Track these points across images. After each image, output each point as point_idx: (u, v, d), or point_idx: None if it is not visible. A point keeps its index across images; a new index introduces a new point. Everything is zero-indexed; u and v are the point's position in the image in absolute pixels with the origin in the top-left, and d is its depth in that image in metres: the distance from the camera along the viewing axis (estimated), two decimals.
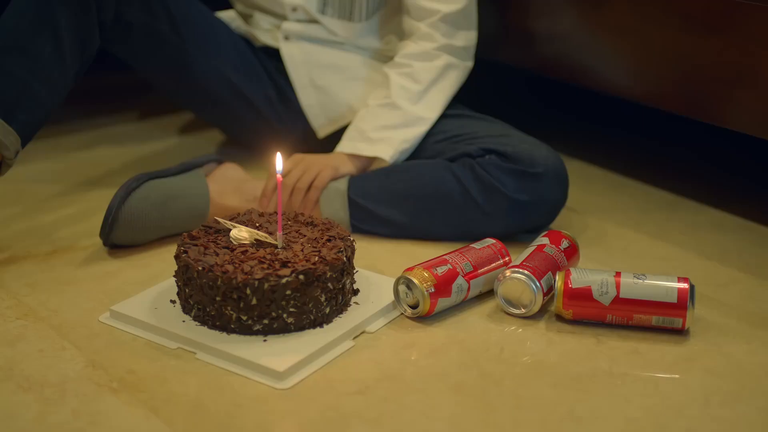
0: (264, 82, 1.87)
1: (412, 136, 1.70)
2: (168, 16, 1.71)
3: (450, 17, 1.74)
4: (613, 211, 1.79)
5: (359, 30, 1.84)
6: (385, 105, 1.71)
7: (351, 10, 1.82)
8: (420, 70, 1.73)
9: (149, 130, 2.17)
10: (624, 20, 1.75)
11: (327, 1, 1.81)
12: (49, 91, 1.53)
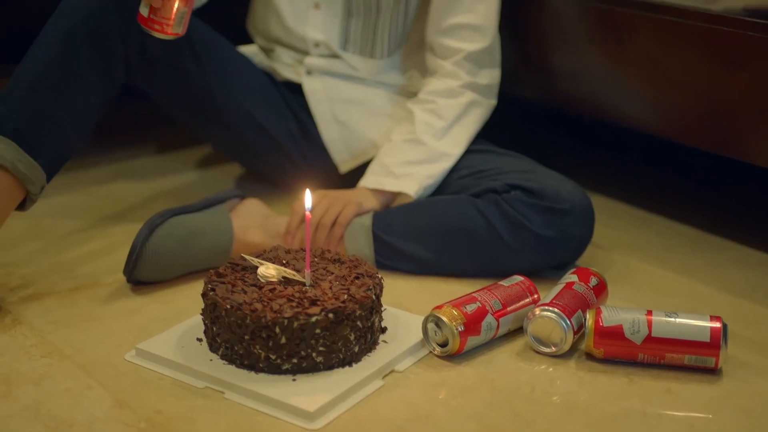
0: (286, 117, 1.87)
1: (437, 171, 1.70)
2: (191, 51, 1.71)
3: (474, 56, 1.74)
4: (638, 247, 1.78)
5: (381, 66, 1.83)
6: (410, 140, 1.70)
7: (373, 47, 1.81)
8: (444, 107, 1.72)
9: (168, 163, 2.16)
10: (647, 54, 1.75)
11: (348, 38, 1.80)
12: (75, 126, 1.52)
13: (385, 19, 1.80)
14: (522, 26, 1.95)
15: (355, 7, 1.79)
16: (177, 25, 1.42)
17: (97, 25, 1.52)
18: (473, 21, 1.75)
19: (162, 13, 1.40)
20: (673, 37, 1.69)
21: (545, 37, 1.91)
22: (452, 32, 1.75)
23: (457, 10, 1.75)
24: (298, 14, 1.81)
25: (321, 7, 1.80)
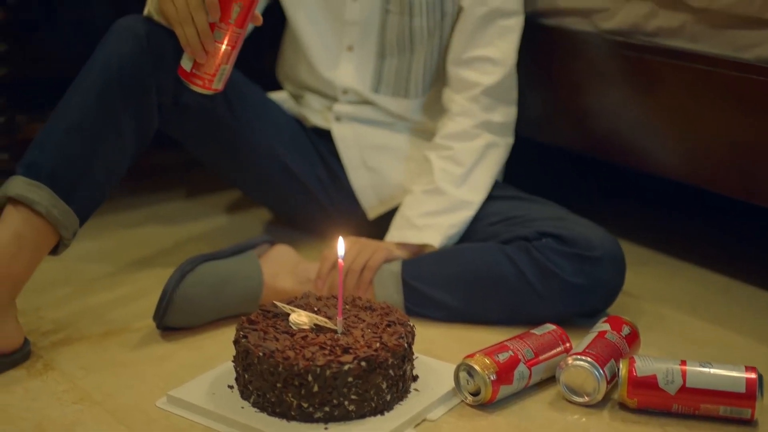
0: (315, 164, 1.87)
1: (459, 220, 1.70)
2: (224, 99, 1.72)
3: (490, 90, 1.75)
4: (669, 295, 1.77)
5: (414, 106, 1.84)
6: (430, 191, 1.71)
7: (407, 87, 1.82)
8: (461, 152, 1.72)
9: (197, 208, 2.17)
10: (677, 102, 1.75)
11: (382, 79, 1.82)
12: (108, 171, 1.53)
13: (419, 56, 1.81)
14: (551, 72, 1.95)
15: (389, 47, 1.80)
16: (218, 81, 1.44)
17: (132, 73, 1.53)
18: (492, 54, 1.76)
19: (205, 69, 1.43)
20: (703, 85, 1.69)
21: (574, 83, 1.91)
22: (470, 64, 1.77)
23: (477, 42, 1.76)
24: (329, 58, 1.82)
25: (354, 49, 1.81)
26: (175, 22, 1.44)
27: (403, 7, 1.77)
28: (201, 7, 1.41)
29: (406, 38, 1.79)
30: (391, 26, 1.79)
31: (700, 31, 1.68)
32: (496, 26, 1.77)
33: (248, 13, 1.41)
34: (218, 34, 1.42)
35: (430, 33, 1.79)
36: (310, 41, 1.82)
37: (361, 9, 1.78)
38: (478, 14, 1.75)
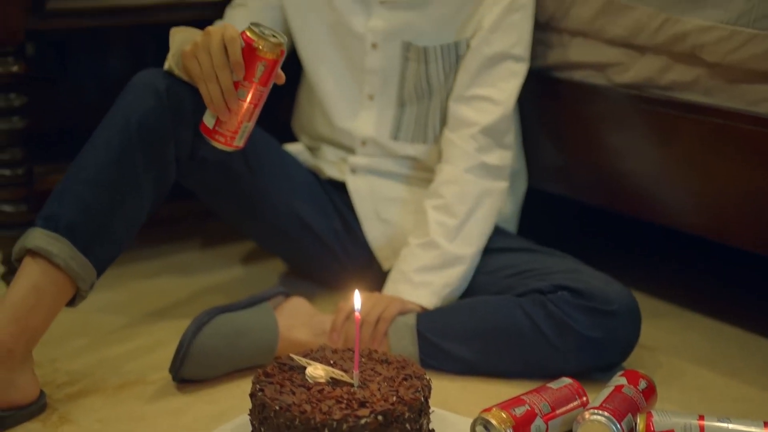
0: (331, 216, 1.88)
1: (454, 278, 1.70)
2: (241, 152, 1.72)
3: (487, 130, 1.76)
4: (685, 348, 1.76)
5: (432, 150, 1.85)
6: (424, 244, 1.72)
7: (425, 132, 1.84)
8: (454, 202, 1.73)
9: (212, 259, 2.17)
10: (692, 154, 1.76)
11: (401, 127, 1.83)
12: (125, 224, 1.54)
13: (436, 101, 1.82)
14: (565, 125, 1.96)
15: (408, 95, 1.82)
16: (240, 139, 1.45)
17: (151, 127, 1.55)
18: (493, 95, 1.77)
19: (227, 126, 1.44)
20: (718, 138, 1.70)
21: (588, 136, 1.92)
22: (470, 102, 1.78)
23: (480, 82, 1.78)
24: (349, 108, 1.84)
25: (375, 98, 1.83)
26: (199, 79, 1.45)
27: (419, 54, 1.79)
28: (226, 66, 1.42)
29: (424, 85, 1.81)
30: (410, 74, 1.81)
31: (714, 85, 1.69)
32: (501, 68, 1.78)
33: (272, 72, 1.43)
34: (242, 92, 1.43)
35: (446, 77, 1.81)
36: (329, 92, 1.84)
37: (382, 58, 1.81)
38: (484, 54, 1.77)
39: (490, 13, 1.77)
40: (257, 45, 1.40)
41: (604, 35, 1.84)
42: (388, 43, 1.80)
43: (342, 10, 1.81)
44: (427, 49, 1.79)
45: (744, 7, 1.61)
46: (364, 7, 1.80)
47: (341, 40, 1.83)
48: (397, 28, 1.79)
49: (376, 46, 1.81)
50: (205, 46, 1.43)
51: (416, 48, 1.79)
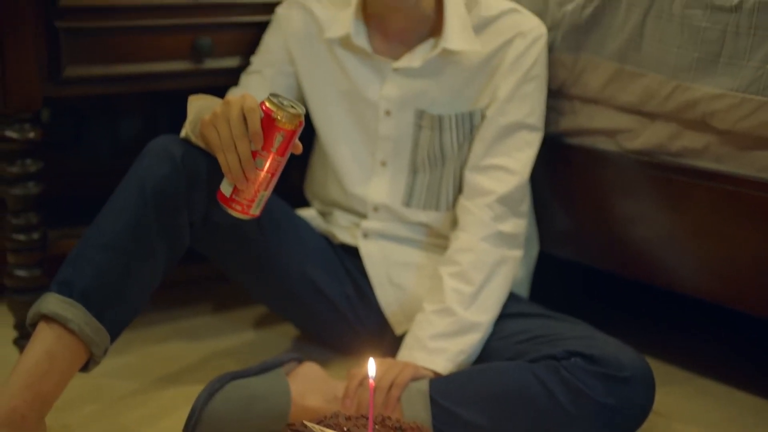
0: (343, 280, 1.89)
1: (468, 345, 1.70)
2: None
3: (503, 199, 1.77)
4: (699, 415, 1.75)
5: (445, 219, 1.86)
6: (440, 311, 1.72)
7: (438, 200, 1.85)
8: (471, 269, 1.74)
9: (224, 323, 2.17)
10: (703, 221, 1.76)
11: (413, 194, 1.84)
12: (139, 289, 1.55)
13: (449, 170, 1.84)
14: (576, 190, 1.97)
15: (420, 162, 1.83)
16: (256, 207, 1.46)
17: (166, 193, 1.56)
18: (508, 164, 1.79)
19: (244, 195, 1.45)
20: (729, 204, 1.71)
21: (599, 201, 1.93)
22: (486, 171, 1.79)
23: (495, 151, 1.79)
24: (362, 174, 1.86)
25: (387, 165, 1.84)
26: (217, 148, 1.46)
27: (434, 122, 1.81)
28: (245, 136, 1.43)
29: (437, 153, 1.82)
30: (423, 142, 1.82)
31: (724, 152, 1.70)
32: (516, 138, 1.80)
33: (290, 142, 1.44)
34: (260, 161, 1.44)
35: (460, 146, 1.82)
36: (342, 158, 1.86)
37: (395, 125, 1.83)
38: (500, 124, 1.79)
39: (505, 83, 1.80)
40: (276, 116, 1.42)
41: (615, 102, 1.86)
42: (402, 111, 1.82)
43: (356, 78, 1.83)
44: (442, 118, 1.81)
45: (754, 74, 1.62)
46: (377, 74, 1.82)
47: (355, 107, 1.85)
48: (410, 96, 1.82)
49: (389, 114, 1.83)
50: (224, 116, 1.44)
51: (430, 116, 1.81)
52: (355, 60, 1.83)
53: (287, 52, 1.87)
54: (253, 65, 1.90)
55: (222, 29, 1.98)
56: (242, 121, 1.42)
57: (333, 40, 1.83)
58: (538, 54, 1.82)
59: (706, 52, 1.68)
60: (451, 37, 1.78)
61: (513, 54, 1.80)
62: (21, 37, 1.77)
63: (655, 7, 1.76)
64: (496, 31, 1.81)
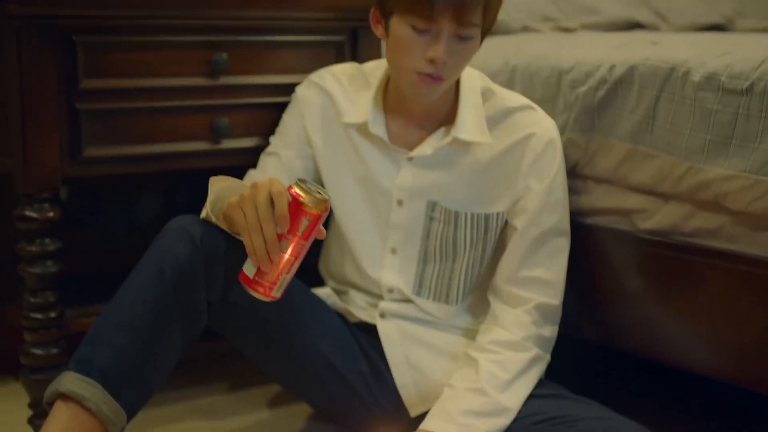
0: (358, 359, 1.89)
1: (496, 427, 1.69)
2: None
3: (542, 307, 1.78)
4: None
5: (455, 311, 1.86)
6: (473, 390, 1.71)
7: (448, 294, 1.85)
8: (509, 360, 1.74)
9: (238, 402, 2.17)
10: (717, 301, 1.76)
11: (423, 284, 1.85)
12: (157, 368, 1.56)
13: (461, 264, 1.84)
14: (589, 270, 1.98)
15: (431, 253, 1.84)
16: (278, 290, 1.48)
17: (185, 273, 1.58)
18: (545, 276, 1.79)
19: (268, 277, 1.47)
20: (743, 285, 1.70)
21: (614, 282, 1.93)
22: (522, 283, 1.79)
23: (530, 263, 1.79)
24: (374, 259, 1.87)
25: (398, 252, 1.85)
26: (243, 229, 1.47)
27: (449, 216, 1.82)
28: (271, 219, 1.44)
29: (449, 246, 1.83)
30: (434, 233, 1.83)
31: (738, 232, 1.71)
32: (549, 247, 1.80)
33: (315, 227, 1.46)
34: (284, 244, 1.46)
35: (473, 244, 1.83)
36: (356, 241, 1.87)
37: (406, 214, 1.83)
38: (532, 235, 1.79)
39: (531, 194, 1.79)
40: (303, 200, 1.44)
41: (628, 182, 1.88)
42: (414, 201, 1.83)
43: (371, 165, 1.84)
44: (458, 214, 1.81)
45: (766, 156, 1.63)
46: (393, 163, 1.84)
47: (369, 194, 1.86)
48: (423, 187, 1.82)
49: (401, 203, 1.84)
50: (252, 199, 1.46)
51: (445, 210, 1.82)
52: (372, 147, 1.85)
53: (305, 134, 1.90)
54: (271, 146, 1.93)
55: (240, 110, 2.02)
56: (269, 204, 1.45)
57: (350, 125, 1.86)
58: (559, 159, 1.81)
59: (718, 134, 1.70)
60: (463, 126, 1.79)
61: (531, 156, 1.80)
62: (42, 118, 1.80)
63: (667, 89, 1.79)
64: (511, 127, 1.81)
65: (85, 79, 1.84)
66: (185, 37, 1.95)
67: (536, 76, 2.07)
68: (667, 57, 1.82)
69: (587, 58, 1.98)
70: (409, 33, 1.67)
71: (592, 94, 1.91)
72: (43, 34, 1.79)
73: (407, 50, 1.68)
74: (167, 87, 1.94)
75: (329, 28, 2.11)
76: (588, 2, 2.74)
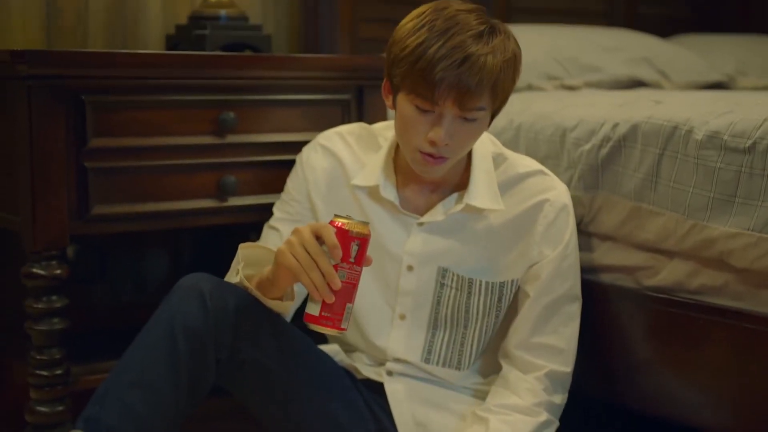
0: (365, 417, 1.87)
1: None
2: (279, 353, 1.75)
3: (554, 375, 1.78)
4: None
5: (464, 375, 1.86)
6: None
7: (459, 360, 1.84)
8: (519, 421, 1.73)
9: None
10: (722, 358, 1.76)
11: (432, 350, 1.83)
12: (165, 427, 1.55)
13: (472, 331, 1.83)
14: (596, 327, 1.97)
15: (441, 319, 1.83)
16: (345, 321, 1.54)
17: (195, 330, 1.58)
18: (558, 344, 1.79)
19: (334, 310, 1.53)
20: (748, 342, 1.71)
21: (619, 339, 1.93)
22: (534, 349, 1.79)
23: (542, 330, 1.79)
24: (381, 325, 1.85)
25: (407, 318, 1.84)
26: (299, 271, 1.51)
27: (462, 283, 1.81)
28: (322, 252, 1.50)
29: (461, 313, 1.82)
30: (445, 300, 1.82)
31: (743, 290, 1.71)
32: (561, 314, 1.80)
33: (364, 251, 1.53)
34: (341, 273, 1.52)
35: (487, 312, 1.82)
36: (362, 308, 1.83)
37: (416, 280, 1.82)
38: (544, 303, 1.79)
39: (544, 261, 1.79)
40: (348, 227, 1.51)
41: (633, 240, 1.89)
42: (424, 267, 1.82)
43: (380, 230, 1.82)
44: (472, 282, 1.81)
45: None
46: (403, 228, 1.83)
47: (377, 259, 1.82)
48: (434, 253, 1.81)
49: (411, 268, 1.82)
50: (298, 240, 1.52)
51: (457, 276, 1.81)
52: (381, 211, 1.84)
53: (309, 202, 1.88)
54: (273, 217, 1.91)
55: (247, 168, 2.04)
56: (315, 240, 1.50)
57: (360, 188, 1.85)
58: (572, 225, 1.81)
59: (721, 192, 1.71)
60: (475, 193, 1.78)
61: (544, 222, 1.79)
62: (51, 176, 1.82)
63: (670, 147, 1.80)
64: (523, 193, 1.81)
65: (93, 138, 1.86)
66: (193, 96, 1.98)
67: (540, 134, 2.09)
68: (670, 115, 1.83)
69: (591, 116, 2.00)
70: (412, 112, 1.67)
71: (596, 152, 1.92)
72: (52, 93, 1.81)
73: (410, 128, 1.68)
74: (175, 145, 1.96)
75: (335, 86, 2.13)
76: (591, 61, 2.78)
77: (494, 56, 1.63)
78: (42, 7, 2.35)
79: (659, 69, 2.87)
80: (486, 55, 1.62)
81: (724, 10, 3.58)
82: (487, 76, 1.62)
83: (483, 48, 1.62)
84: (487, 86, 1.63)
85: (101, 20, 2.43)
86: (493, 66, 1.62)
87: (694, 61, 2.98)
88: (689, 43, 3.19)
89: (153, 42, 2.50)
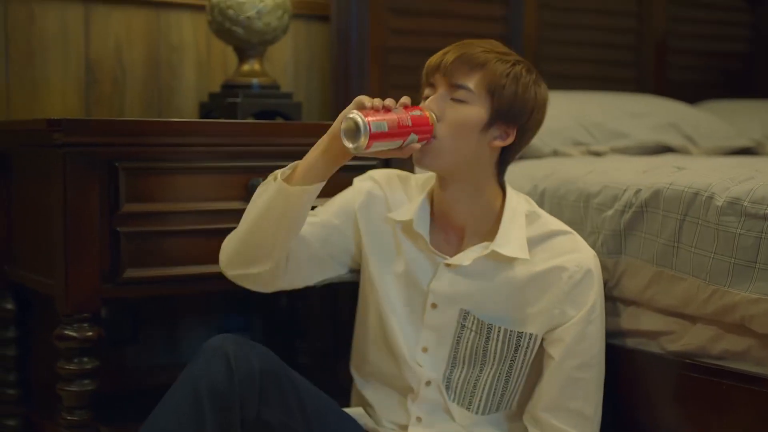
0: None
1: None
2: (303, 415, 1.76)
3: None
4: None
5: (477, 421, 1.87)
6: None
7: (470, 401, 1.86)
8: None
9: None
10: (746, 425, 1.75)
11: (450, 385, 1.86)
12: None
13: (487, 374, 1.85)
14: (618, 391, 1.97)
15: (460, 357, 1.86)
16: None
17: (220, 392, 1.61)
18: (585, 410, 1.80)
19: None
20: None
21: (643, 404, 1.93)
22: (562, 414, 1.80)
23: (568, 395, 1.80)
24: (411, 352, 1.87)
25: (429, 351, 1.87)
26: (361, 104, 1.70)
27: (481, 327, 1.84)
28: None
29: (479, 355, 1.85)
30: (464, 341, 1.85)
31: (765, 355, 1.71)
32: (587, 380, 1.81)
33: (419, 124, 1.74)
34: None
35: (502, 359, 1.84)
36: (395, 330, 1.88)
37: (439, 318, 1.86)
38: (569, 366, 1.80)
39: (568, 323, 1.81)
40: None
41: (656, 304, 1.89)
42: (447, 307, 1.86)
43: (411, 264, 1.88)
44: (491, 327, 1.83)
45: None
46: (431, 266, 1.87)
47: (407, 290, 1.88)
48: (457, 295, 1.85)
49: (435, 307, 1.86)
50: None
51: (478, 320, 1.84)
52: (413, 247, 1.88)
53: (353, 221, 1.93)
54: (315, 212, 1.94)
55: None
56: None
57: (396, 222, 1.90)
58: (597, 289, 1.82)
59: (741, 257, 1.72)
60: (504, 242, 1.81)
61: (569, 282, 1.81)
62: (84, 241, 1.87)
63: (691, 213, 1.82)
64: (551, 250, 1.84)
65: (126, 203, 1.90)
66: (224, 162, 2.02)
67: (564, 199, 2.11)
68: (691, 182, 1.85)
69: (614, 182, 2.02)
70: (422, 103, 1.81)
71: (619, 217, 1.94)
72: (87, 160, 1.86)
73: None
74: (206, 210, 2.00)
75: None
76: (618, 127, 2.79)
77: (496, 57, 1.78)
78: (81, 77, 2.42)
79: (686, 134, 2.88)
80: (486, 53, 1.78)
81: (754, 75, 3.59)
82: (476, 59, 1.77)
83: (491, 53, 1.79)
84: (477, 70, 1.77)
85: (138, 89, 2.51)
86: (487, 58, 1.78)
87: (721, 127, 2.99)
88: (718, 108, 3.20)
89: (187, 109, 2.56)
